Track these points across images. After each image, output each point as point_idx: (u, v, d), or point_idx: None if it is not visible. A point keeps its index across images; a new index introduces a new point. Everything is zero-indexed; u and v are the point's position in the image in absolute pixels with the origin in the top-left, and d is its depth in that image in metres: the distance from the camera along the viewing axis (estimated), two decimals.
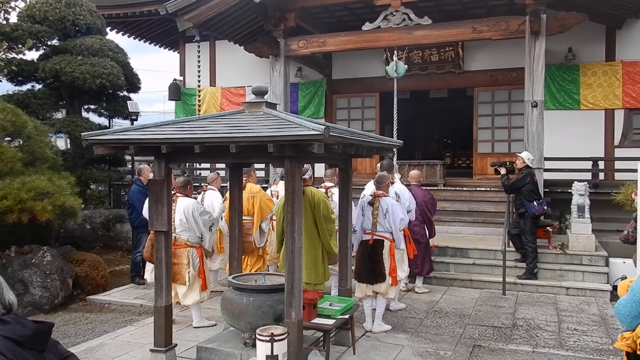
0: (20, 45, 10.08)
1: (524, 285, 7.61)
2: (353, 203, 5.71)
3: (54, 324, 1.78)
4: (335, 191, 6.21)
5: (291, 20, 10.19)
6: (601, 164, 10.37)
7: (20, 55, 10.82)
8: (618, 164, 10.23)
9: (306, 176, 5.54)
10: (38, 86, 11.29)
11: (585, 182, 8.33)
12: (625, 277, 7.45)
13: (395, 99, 9.49)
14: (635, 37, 10.49)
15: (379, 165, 7.23)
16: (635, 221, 5.99)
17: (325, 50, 10.58)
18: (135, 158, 11.69)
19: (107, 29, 12.62)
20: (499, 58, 11.28)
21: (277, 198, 7.06)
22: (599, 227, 8.66)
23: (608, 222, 8.93)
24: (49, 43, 11.23)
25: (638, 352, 2.54)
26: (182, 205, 5.53)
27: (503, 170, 7.99)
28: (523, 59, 9.00)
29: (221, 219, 6.77)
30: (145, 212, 6.23)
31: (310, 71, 12.87)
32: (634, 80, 10.47)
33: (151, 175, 6.55)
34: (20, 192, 6.35)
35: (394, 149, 7.26)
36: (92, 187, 12.30)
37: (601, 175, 10.34)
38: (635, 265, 6.20)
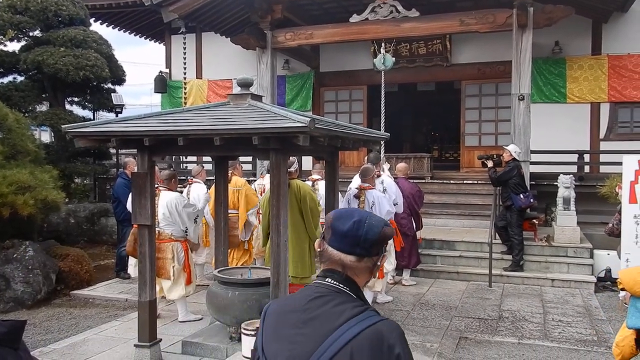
0: (1, 36, 9.87)
1: (510, 277, 7.66)
2: (340, 195, 5.68)
3: (26, 321, 1.73)
4: (322, 184, 6.18)
5: (278, 11, 10.09)
6: (587, 157, 10.45)
7: (1, 47, 10.62)
8: (603, 157, 10.31)
9: (292, 169, 5.49)
10: (20, 78, 11.09)
11: (571, 175, 8.39)
12: (610, 269, 7.56)
13: (382, 92, 9.45)
14: (621, 31, 10.55)
15: (366, 158, 7.21)
16: (620, 214, 6.03)
17: (313, 42, 10.51)
18: (121, 151, 11.55)
19: (91, 20, 12.42)
20: (487, 51, 11.29)
21: (264, 192, 7.01)
22: (584, 219, 8.73)
23: (593, 214, 9.00)
24: (30, 34, 11.01)
25: None
26: (166, 199, 5.46)
27: (490, 163, 8.02)
28: (510, 52, 9.01)
29: (207, 212, 6.71)
30: (130, 206, 6.15)
31: (297, 64, 12.79)
32: (620, 74, 10.54)
33: (136, 169, 6.46)
34: (0, 186, 6.23)
35: (382, 142, 7.25)
36: (76, 180, 12.13)
37: (586, 168, 10.42)
38: (620, 257, 6.24)
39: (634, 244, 6.05)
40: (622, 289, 2.86)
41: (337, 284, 1.44)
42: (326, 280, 1.46)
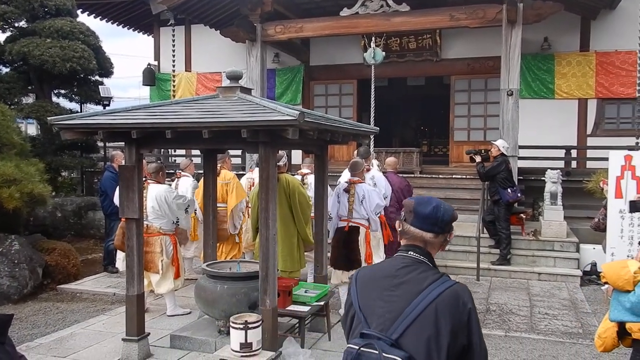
0: None
1: (497, 271, 7.72)
2: (330, 189, 5.68)
3: (13, 315, 1.72)
4: (312, 178, 6.17)
5: (268, 4, 10.03)
6: (574, 153, 10.54)
7: None
8: (590, 153, 10.41)
9: (280, 163, 5.48)
10: (5, 69, 10.93)
11: (558, 170, 8.46)
12: (595, 263, 7.64)
13: (372, 86, 9.46)
14: (609, 28, 10.63)
15: (355, 152, 7.21)
16: (606, 208, 6.11)
17: (303, 35, 10.47)
18: (109, 144, 11.45)
19: (78, 11, 12.25)
20: (476, 46, 11.32)
21: (253, 185, 6.99)
22: (571, 214, 8.81)
23: (579, 209, 9.09)
24: (16, 24, 10.85)
25: None
26: (154, 192, 5.42)
27: (478, 158, 8.06)
28: (500, 47, 9.04)
29: (196, 206, 6.68)
30: (118, 199, 6.11)
31: (287, 57, 12.74)
32: (607, 70, 10.62)
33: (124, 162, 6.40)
34: None
35: (371, 136, 7.25)
36: (63, 174, 12.01)
37: (574, 164, 10.51)
38: (605, 252, 6.34)
39: (619, 238, 6.14)
40: (606, 283, 2.89)
41: (419, 256, 1.86)
42: (409, 253, 1.87)
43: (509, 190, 7.68)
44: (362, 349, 1.71)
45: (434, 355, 1.68)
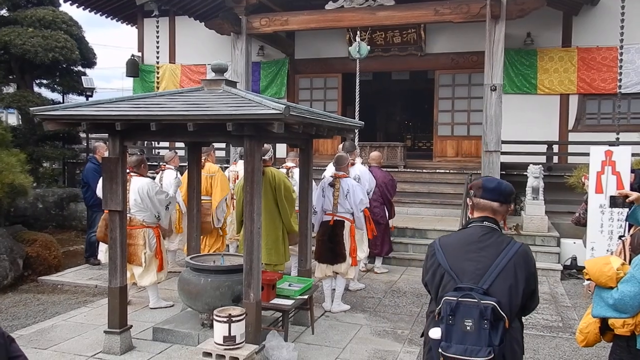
0: None
1: None
2: (314, 183, 5.70)
3: None
4: (297, 171, 6.18)
5: None
6: (555, 148, 10.68)
7: None
8: (571, 148, 10.56)
9: (266, 157, 5.48)
10: None
11: (540, 165, 8.56)
12: (575, 257, 7.75)
13: (357, 80, 9.47)
14: (590, 24, 10.76)
15: (340, 146, 7.23)
16: (586, 203, 6.19)
17: (288, 29, 10.43)
18: (91, 135, 11.30)
19: (61, 1, 12.03)
20: (460, 41, 11.39)
21: (237, 178, 6.97)
22: (552, 208, 8.94)
23: (561, 204, 9.22)
24: None
25: (637, 333, 2.71)
26: (137, 185, 5.38)
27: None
28: (483, 42, 9.10)
29: (180, 198, 6.64)
30: (100, 191, 6.04)
31: (272, 50, 12.68)
32: (589, 66, 10.77)
33: (107, 154, 6.35)
34: None
35: (356, 130, 7.27)
36: (45, 164, 11.84)
37: (555, 159, 10.65)
38: (585, 246, 6.43)
39: (599, 232, 6.23)
40: (588, 279, 2.92)
41: (492, 224, 2.37)
42: (484, 223, 2.37)
43: None
44: (460, 299, 2.19)
45: (514, 298, 2.22)
